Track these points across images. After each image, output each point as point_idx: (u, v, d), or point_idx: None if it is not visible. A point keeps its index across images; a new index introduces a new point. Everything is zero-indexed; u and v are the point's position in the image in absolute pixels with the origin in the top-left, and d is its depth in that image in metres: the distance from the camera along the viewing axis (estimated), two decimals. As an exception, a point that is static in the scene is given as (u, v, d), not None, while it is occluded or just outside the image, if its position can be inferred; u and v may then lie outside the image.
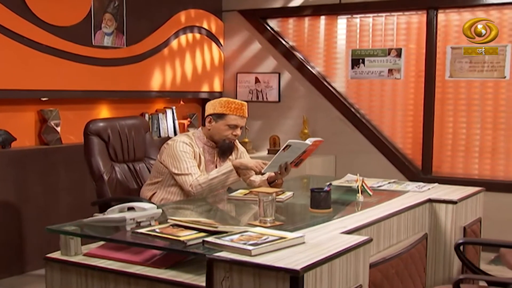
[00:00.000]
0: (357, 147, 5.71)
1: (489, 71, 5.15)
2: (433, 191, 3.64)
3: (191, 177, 3.36)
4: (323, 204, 3.01)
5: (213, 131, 3.51)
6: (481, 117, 5.25)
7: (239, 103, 3.51)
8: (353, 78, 5.78)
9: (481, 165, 5.28)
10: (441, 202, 3.40)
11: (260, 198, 2.71)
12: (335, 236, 2.49)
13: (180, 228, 2.52)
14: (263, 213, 2.70)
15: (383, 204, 3.24)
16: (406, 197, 3.45)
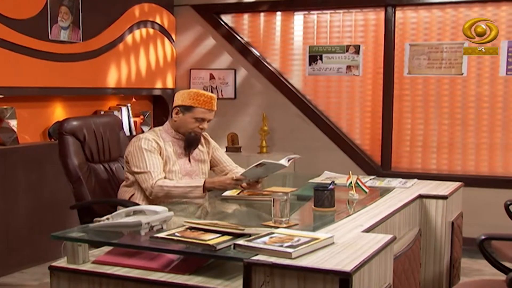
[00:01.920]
0: (316, 144, 5.74)
1: (447, 68, 5.30)
2: (418, 187, 3.70)
3: (151, 175, 3.26)
4: (327, 203, 2.99)
5: (180, 123, 3.42)
6: (438, 113, 5.40)
7: (208, 96, 3.43)
8: (311, 75, 5.80)
9: (439, 160, 5.44)
10: (431, 198, 3.45)
11: (275, 198, 2.65)
12: (359, 235, 2.47)
13: (200, 232, 2.42)
14: (279, 213, 2.64)
15: (380, 201, 3.26)
16: (397, 193, 3.48)
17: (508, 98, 5.16)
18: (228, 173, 3.66)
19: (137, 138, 3.39)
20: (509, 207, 3.49)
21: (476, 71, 5.26)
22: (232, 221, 2.74)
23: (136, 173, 3.30)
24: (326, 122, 5.75)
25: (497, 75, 5.17)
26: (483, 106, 5.25)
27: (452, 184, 3.77)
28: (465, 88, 5.31)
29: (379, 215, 2.89)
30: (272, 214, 2.67)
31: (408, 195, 3.42)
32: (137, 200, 3.37)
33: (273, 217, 2.67)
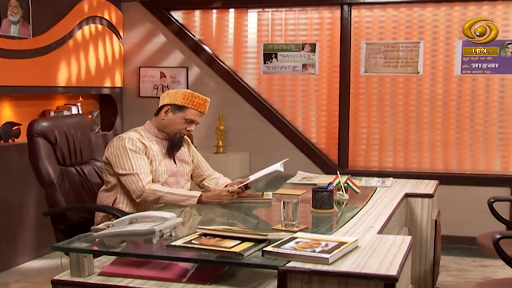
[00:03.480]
0: (272, 143, 5.70)
1: (403, 66, 5.39)
2: (399, 185, 3.72)
3: (139, 177, 3.11)
4: (326, 204, 2.95)
5: (167, 122, 3.28)
6: (393, 111, 5.48)
7: (203, 99, 3.33)
8: (266, 73, 5.75)
9: (395, 158, 5.52)
10: (417, 197, 3.48)
11: (286, 201, 2.58)
12: (377, 237, 2.44)
13: (217, 239, 2.31)
14: (291, 216, 2.57)
15: (372, 201, 3.25)
16: (383, 193, 3.48)
17: (462, 96, 5.31)
18: (205, 178, 3.56)
19: (119, 138, 3.21)
20: (492, 205, 3.56)
21: (430, 70, 5.37)
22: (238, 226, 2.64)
23: (122, 175, 3.13)
24: (282, 121, 5.71)
25: (452, 74, 5.30)
26: (438, 104, 5.38)
27: (430, 183, 3.83)
28: (420, 87, 5.41)
29: (382, 215, 2.88)
30: (282, 217, 2.60)
31: (396, 194, 3.43)
32: (121, 205, 3.21)
33: (283, 220, 2.60)
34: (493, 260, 4.74)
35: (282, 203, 2.59)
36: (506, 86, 5.20)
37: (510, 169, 5.23)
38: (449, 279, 4.33)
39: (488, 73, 5.18)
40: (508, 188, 5.12)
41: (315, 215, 2.93)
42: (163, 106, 3.29)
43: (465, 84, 5.30)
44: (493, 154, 5.27)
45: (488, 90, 5.25)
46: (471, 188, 5.23)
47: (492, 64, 5.16)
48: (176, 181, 3.35)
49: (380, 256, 2.15)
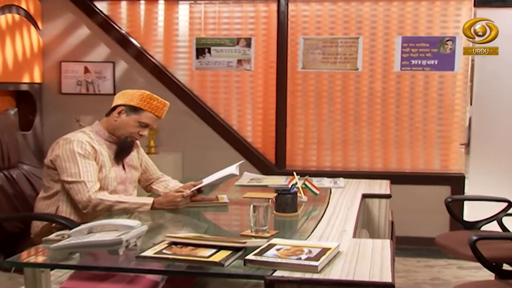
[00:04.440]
0: (206, 142, 5.60)
1: (342, 62, 5.43)
2: (353, 186, 3.73)
3: (85, 186, 2.95)
4: (290, 207, 2.90)
5: (120, 124, 3.14)
6: (331, 109, 5.51)
7: (162, 102, 3.21)
8: (199, 69, 5.64)
9: (333, 157, 5.55)
10: (375, 197, 3.49)
11: (257, 205, 2.50)
12: (356, 241, 2.42)
13: (190, 247, 2.20)
14: (263, 221, 2.49)
15: (332, 202, 3.23)
16: (339, 194, 3.48)
17: (401, 94, 5.40)
18: (153, 181, 3.43)
19: (66, 140, 3.01)
20: (449, 204, 3.62)
21: (369, 67, 5.44)
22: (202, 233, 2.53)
23: (67, 182, 2.94)
24: (216, 119, 5.62)
25: (391, 71, 5.39)
26: (377, 102, 5.45)
27: (383, 182, 3.87)
28: (359, 84, 5.47)
29: (350, 218, 2.87)
30: (252, 222, 2.52)
31: (353, 195, 3.43)
32: (64, 214, 3.01)
33: (253, 226, 2.52)
34: (437, 260, 4.86)
35: (252, 207, 2.51)
36: (445, 83, 5.33)
37: (449, 167, 5.37)
38: (398, 281, 4.38)
39: (427, 69, 5.30)
40: (448, 187, 5.25)
41: (279, 219, 2.86)
42: (117, 106, 3.13)
43: (404, 81, 5.40)
44: (433, 152, 5.40)
45: (427, 87, 5.37)
46: (411, 187, 5.34)
47: (432, 60, 5.28)
48: (125, 189, 3.20)
49: (367, 262, 2.12)
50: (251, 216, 2.51)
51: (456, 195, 3.80)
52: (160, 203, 3.02)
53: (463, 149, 5.33)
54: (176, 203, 3.02)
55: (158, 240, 2.30)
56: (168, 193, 3.12)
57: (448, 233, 3.64)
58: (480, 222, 3.63)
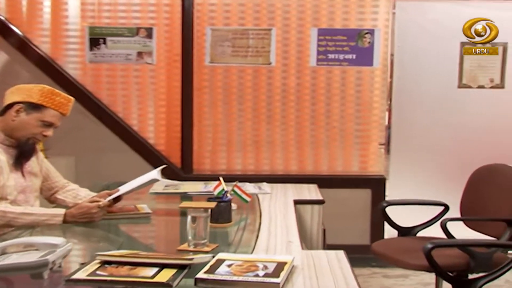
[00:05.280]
0: (102, 145, 5.44)
1: (254, 56, 5.44)
2: (280, 191, 3.75)
3: None
4: (224, 217, 2.87)
5: (19, 125, 2.99)
6: (242, 107, 5.51)
7: (66, 98, 3.09)
8: (93, 62, 5.46)
9: (244, 160, 5.55)
10: (306, 203, 3.52)
11: (196, 215, 2.44)
12: (307, 253, 2.44)
13: (127, 267, 2.11)
14: (203, 234, 2.43)
15: (265, 210, 3.23)
16: (268, 200, 3.49)
17: (317, 90, 5.49)
18: (58, 190, 3.29)
19: None
20: (385, 209, 3.71)
21: (283, 61, 5.48)
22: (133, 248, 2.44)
23: None
24: (114, 118, 5.47)
25: (306, 65, 5.46)
26: (291, 99, 5.51)
27: (311, 187, 3.93)
28: (272, 79, 5.50)
29: (291, 227, 2.88)
30: (191, 235, 2.46)
31: (284, 201, 3.45)
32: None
33: (192, 239, 2.45)
34: (360, 269, 4.97)
35: (191, 219, 2.45)
36: (363, 79, 5.47)
37: (369, 169, 5.51)
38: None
39: (345, 64, 5.41)
40: (368, 190, 5.39)
41: (212, 230, 2.79)
42: (13, 104, 2.94)
43: (320, 76, 5.48)
44: (351, 153, 5.52)
45: (344, 84, 5.48)
46: (329, 191, 5.36)
47: (350, 55, 5.40)
48: (26, 199, 3.04)
49: (328, 276, 2.14)
50: (189, 229, 2.45)
51: (391, 199, 3.89)
52: (73, 215, 2.89)
53: (383, 150, 5.48)
54: (92, 215, 2.90)
55: (82, 258, 2.19)
56: (81, 204, 2.98)
57: (384, 240, 3.73)
58: (416, 227, 3.74)
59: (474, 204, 3.72)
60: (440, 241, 3.10)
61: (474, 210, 3.72)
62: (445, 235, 3.34)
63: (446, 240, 3.21)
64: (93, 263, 2.14)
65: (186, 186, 3.87)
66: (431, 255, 2.81)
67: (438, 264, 2.85)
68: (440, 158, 5.49)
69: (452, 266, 3.07)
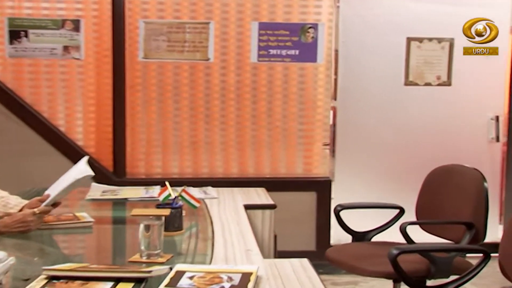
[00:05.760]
0: (26, 147, 5.29)
1: (191, 51, 5.38)
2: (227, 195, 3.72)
3: None
4: (175, 224, 2.81)
5: None
6: (178, 106, 5.44)
7: None
8: (13, 57, 5.30)
9: (182, 162, 5.48)
10: (257, 208, 3.50)
11: (150, 223, 2.38)
12: (270, 262, 2.44)
13: (78, 282, 2.04)
14: (157, 244, 2.37)
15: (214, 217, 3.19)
16: (216, 205, 3.47)
17: (258, 88, 5.47)
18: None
19: None
20: (339, 213, 3.71)
21: (222, 57, 5.44)
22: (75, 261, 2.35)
23: None
24: (38, 118, 5.31)
25: (247, 62, 5.43)
26: (231, 97, 5.47)
27: (258, 191, 3.93)
28: (210, 76, 5.45)
29: (246, 234, 2.85)
30: (143, 245, 2.39)
31: (234, 206, 3.45)
32: None
33: (145, 249, 2.39)
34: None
35: (144, 227, 2.38)
36: (306, 76, 5.49)
37: (313, 171, 5.53)
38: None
39: (287, 60, 5.41)
40: (313, 193, 5.41)
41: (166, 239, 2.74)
42: None
43: (262, 73, 5.47)
44: (294, 154, 5.52)
45: (286, 81, 5.49)
46: (272, 194, 5.35)
47: (292, 50, 5.40)
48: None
49: (297, 286, 2.16)
50: (142, 238, 2.39)
51: (345, 203, 3.88)
52: (6, 224, 2.77)
53: (327, 150, 5.51)
54: (27, 223, 2.79)
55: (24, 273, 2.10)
56: (14, 213, 2.85)
57: (339, 246, 3.73)
58: (371, 232, 3.76)
59: (431, 207, 3.77)
60: (405, 247, 3.11)
61: (431, 213, 3.76)
62: (405, 239, 3.36)
63: (411, 246, 3.23)
64: (38, 279, 2.06)
65: (126, 191, 3.78)
66: (397, 262, 2.82)
67: (404, 271, 2.86)
68: (388, 159, 5.56)
69: (413, 272, 3.09)
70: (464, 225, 3.43)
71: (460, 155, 5.34)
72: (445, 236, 3.63)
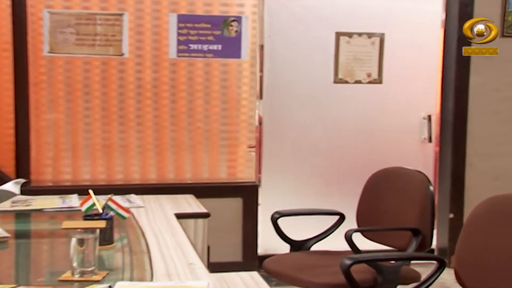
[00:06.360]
0: None
1: (103, 46, 5.25)
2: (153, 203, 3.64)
3: None
4: (106, 238, 2.71)
5: None
6: (88, 106, 5.30)
7: None
8: None
9: (94, 168, 5.34)
10: (189, 217, 3.44)
11: (83, 237, 2.27)
12: (218, 277, 2.37)
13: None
14: (92, 259, 2.27)
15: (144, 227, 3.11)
16: (144, 214, 3.39)
17: (177, 86, 5.39)
18: None
19: None
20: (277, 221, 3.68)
21: (137, 52, 5.33)
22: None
23: None
24: None
25: (165, 57, 5.34)
26: (147, 96, 5.37)
27: (187, 198, 3.88)
28: (124, 73, 5.34)
29: (184, 246, 2.81)
30: (76, 262, 2.29)
31: (164, 215, 3.36)
32: None
33: (78, 266, 2.28)
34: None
35: (77, 242, 2.27)
36: (229, 73, 5.44)
37: (238, 175, 5.49)
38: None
39: (209, 56, 5.35)
40: (239, 199, 5.37)
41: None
42: None
43: (181, 70, 5.39)
44: (218, 158, 5.47)
45: (208, 78, 5.43)
46: (196, 201, 5.34)
47: (215, 45, 5.35)
48: None
49: None
50: (74, 254, 2.28)
51: (283, 210, 3.84)
52: None
53: (253, 153, 5.47)
54: None
55: None
56: None
57: (277, 257, 3.68)
58: (310, 241, 3.74)
59: (373, 213, 3.79)
60: (359, 256, 3.08)
61: (373, 219, 3.79)
62: (350, 248, 3.36)
63: (365, 255, 3.20)
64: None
65: (40, 201, 3.64)
66: (350, 272, 2.80)
67: (357, 282, 2.84)
68: (318, 161, 5.60)
69: (362, 282, 3.08)
70: (411, 231, 3.45)
71: (392, 157, 5.44)
72: (389, 243, 3.65)
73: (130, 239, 2.90)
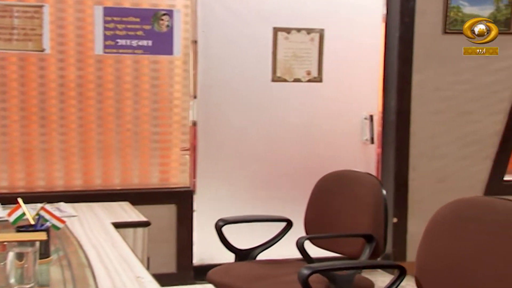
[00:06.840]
0: None
1: (21, 40, 5.11)
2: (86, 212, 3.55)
3: None
4: (42, 250, 2.60)
5: None
6: (6, 106, 5.16)
7: None
8: None
9: (12, 174, 5.21)
10: (128, 226, 3.36)
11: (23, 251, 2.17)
12: None
13: None
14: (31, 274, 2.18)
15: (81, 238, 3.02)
16: (77, 224, 3.30)
17: (104, 84, 5.28)
18: None
19: None
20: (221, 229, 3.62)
21: (59, 47, 5.20)
22: None
23: None
24: None
25: (90, 54, 5.23)
26: (71, 95, 5.25)
27: (123, 205, 3.79)
28: (45, 71, 5.21)
29: (126, 256, 2.79)
30: (14, 277, 2.20)
31: (101, 225, 3.29)
32: None
33: (15, 282, 2.20)
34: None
35: (15, 256, 2.16)
36: (160, 70, 5.37)
37: (171, 180, 5.43)
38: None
39: (139, 52, 5.27)
40: (173, 205, 5.30)
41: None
42: None
43: (108, 67, 5.29)
44: (149, 161, 5.39)
45: (137, 76, 5.34)
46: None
47: (144, 41, 5.26)
48: None
49: None
50: (12, 269, 2.18)
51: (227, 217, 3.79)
52: None
53: (187, 156, 5.41)
54: None
55: None
56: None
57: (222, 267, 3.60)
58: (256, 249, 3.70)
59: (322, 218, 3.76)
60: (316, 266, 3.03)
61: (322, 225, 3.76)
62: (302, 256, 3.32)
63: (321, 264, 3.14)
64: None
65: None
66: (308, 283, 2.75)
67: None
68: (257, 164, 5.58)
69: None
70: (363, 237, 3.44)
71: (333, 159, 5.46)
72: (340, 250, 3.63)
73: (67, 251, 2.79)
